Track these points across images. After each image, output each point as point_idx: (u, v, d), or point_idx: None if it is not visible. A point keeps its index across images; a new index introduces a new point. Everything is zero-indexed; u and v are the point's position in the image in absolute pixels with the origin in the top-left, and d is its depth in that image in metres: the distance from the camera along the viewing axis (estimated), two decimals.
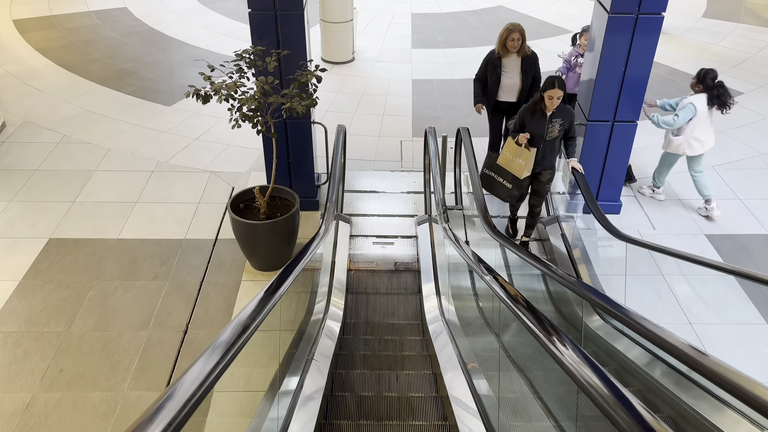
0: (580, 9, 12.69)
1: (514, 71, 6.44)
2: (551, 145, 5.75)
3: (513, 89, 6.51)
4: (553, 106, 5.55)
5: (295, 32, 5.94)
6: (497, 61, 6.42)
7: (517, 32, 6.26)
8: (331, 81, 9.75)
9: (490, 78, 6.47)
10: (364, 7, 12.33)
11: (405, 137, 8.34)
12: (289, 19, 5.89)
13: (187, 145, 8.06)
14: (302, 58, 5.88)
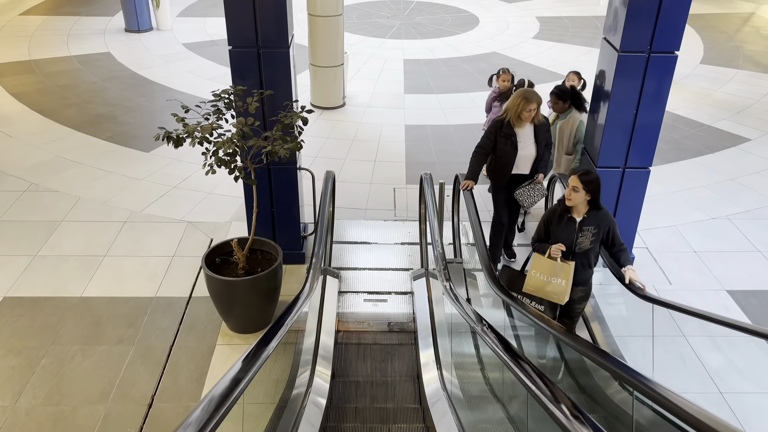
0: (576, 55, 12.44)
1: (528, 140, 5.64)
2: (583, 258, 4.53)
3: (528, 160, 5.70)
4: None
5: (279, 71, 5.47)
6: (511, 130, 5.57)
7: (535, 103, 5.50)
8: (320, 126, 9.30)
9: (501, 150, 5.59)
10: (355, 53, 12.02)
11: (398, 184, 7.83)
12: (274, 57, 5.43)
13: (164, 193, 7.51)
14: (287, 99, 5.39)
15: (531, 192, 5.66)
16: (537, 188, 5.65)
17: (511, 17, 14.77)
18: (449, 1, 16.01)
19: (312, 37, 9.49)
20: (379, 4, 15.57)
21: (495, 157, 5.66)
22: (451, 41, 13.12)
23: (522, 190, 5.67)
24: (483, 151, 5.65)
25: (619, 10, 5.42)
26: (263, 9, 5.24)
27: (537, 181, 5.67)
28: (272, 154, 4.57)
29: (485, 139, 5.65)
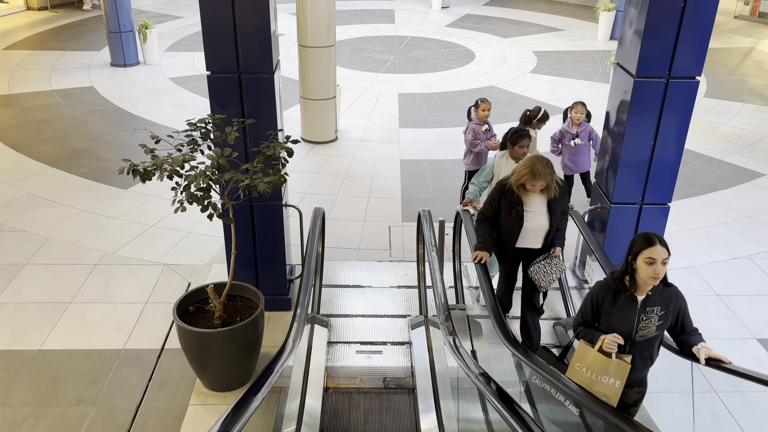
0: (576, 89, 12.08)
1: (539, 210, 4.58)
2: (644, 350, 3.51)
3: (538, 233, 4.63)
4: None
5: (263, 99, 4.97)
6: (515, 197, 4.54)
7: (544, 182, 4.40)
8: (311, 161, 8.80)
9: (504, 218, 4.61)
10: (348, 87, 11.63)
11: (394, 222, 7.29)
12: (257, 84, 4.94)
13: (140, 233, 6.94)
14: (272, 128, 4.88)
15: (548, 268, 4.61)
16: (554, 263, 4.62)
17: (508, 52, 14.48)
18: (444, 36, 15.75)
19: (303, 69, 9.06)
20: (373, 40, 15.28)
21: (499, 226, 4.70)
22: (446, 75, 12.77)
23: (537, 267, 4.63)
24: (487, 219, 4.67)
25: (634, 31, 4.97)
26: (245, 30, 4.77)
27: (554, 255, 4.64)
28: (251, 188, 4.02)
29: (488, 205, 4.68)
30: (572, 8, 19.26)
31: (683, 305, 3.53)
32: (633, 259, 3.40)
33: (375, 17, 17.43)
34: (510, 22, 17.19)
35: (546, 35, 15.97)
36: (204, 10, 4.71)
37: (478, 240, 4.63)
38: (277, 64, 5.18)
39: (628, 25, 5.09)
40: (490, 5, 19.34)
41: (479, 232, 4.66)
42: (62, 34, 14.84)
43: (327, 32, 8.82)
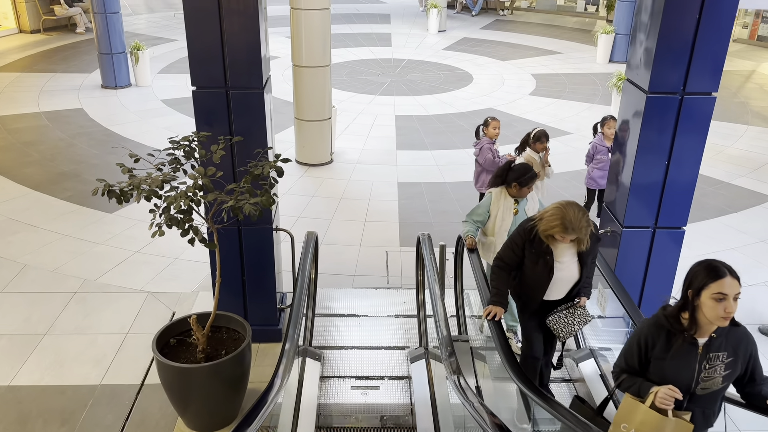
0: (576, 111, 11.84)
1: (569, 260, 3.97)
2: (706, 403, 2.95)
3: (566, 284, 4.03)
4: None
5: (252, 116, 4.67)
6: (544, 247, 3.87)
7: (575, 236, 3.76)
8: (305, 184, 8.48)
9: (531, 269, 3.97)
10: (344, 109, 11.37)
11: (391, 247, 6.95)
12: (246, 99, 4.63)
13: (124, 259, 6.58)
14: (261, 147, 4.56)
15: (570, 319, 4.02)
16: (578, 313, 4.01)
17: (506, 74, 14.29)
18: (442, 59, 15.57)
19: (297, 89, 8.80)
20: (369, 62, 15.10)
21: (522, 276, 4.05)
22: (444, 98, 12.54)
23: (557, 316, 4.02)
24: (507, 267, 4.02)
25: (646, 45, 4.69)
26: (233, 43, 4.48)
27: (579, 305, 4.04)
28: (236, 210, 3.69)
29: (508, 250, 3.99)
30: (570, 32, 19.17)
31: (754, 350, 2.95)
32: (696, 295, 2.80)
33: (371, 40, 17.29)
34: (507, 46, 17.06)
35: (544, 58, 15.81)
36: (189, 21, 4.43)
37: (493, 293, 3.99)
38: (268, 80, 4.88)
39: (639, 38, 4.81)
40: (488, 29, 19.24)
41: (495, 283, 4.00)
42: (54, 57, 14.61)
43: (322, 52, 8.57)
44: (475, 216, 4.99)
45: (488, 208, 4.95)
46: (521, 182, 4.85)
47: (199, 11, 4.39)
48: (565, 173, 8.70)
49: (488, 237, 5.00)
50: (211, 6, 4.36)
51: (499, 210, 4.92)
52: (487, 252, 4.99)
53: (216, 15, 4.40)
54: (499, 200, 4.94)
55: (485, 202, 4.98)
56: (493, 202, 4.94)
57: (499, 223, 4.91)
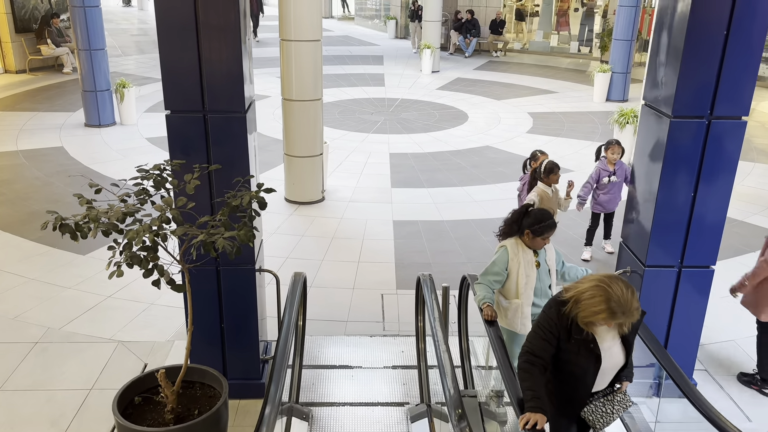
0: (577, 148, 11.47)
1: (613, 345, 3.22)
2: None
3: (612, 371, 3.30)
4: None
5: (232, 142, 4.19)
6: (585, 333, 3.11)
7: (629, 314, 2.98)
8: (294, 223, 7.97)
9: (572, 362, 3.19)
10: (336, 147, 10.94)
11: (387, 290, 6.40)
12: (226, 124, 4.16)
13: (94, 304, 6.01)
14: (243, 176, 4.05)
15: (609, 407, 3.31)
16: (617, 399, 3.32)
17: (502, 113, 13.98)
18: (436, 98, 15.29)
19: (287, 124, 8.36)
20: (362, 102, 14.78)
21: (557, 372, 3.26)
22: (439, 135, 12.16)
23: (593, 407, 3.31)
24: (539, 361, 3.18)
25: (667, 65, 4.27)
26: (212, 62, 4.03)
27: (620, 391, 3.36)
28: (207, 245, 3.16)
29: (540, 341, 3.18)
30: (564, 72, 19.04)
31: None
32: None
33: (365, 81, 17.04)
34: (502, 85, 16.84)
35: (540, 97, 15.56)
36: (162, 37, 3.98)
37: (528, 396, 3.11)
38: (251, 105, 4.42)
39: (659, 58, 4.40)
40: (481, 69, 19.08)
41: (528, 384, 3.14)
42: (38, 96, 14.22)
43: (313, 85, 8.17)
44: (491, 276, 4.13)
45: (506, 266, 4.12)
46: (535, 230, 4.07)
47: (173, 26, 3.95)
48: (570, 210, 8.21)
49: (511, 300, 4.21)
50: (187, 20, 3.92)
51: (519, 266, 4.11)
52: (513, 319, 4.20)
53: (192, 30, 3.96)
54: (516, 255, 4.13)
55: (501, 259, 4.14)
56: (510, 258, 4.12)
57: (523, 281, 4.12)
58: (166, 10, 3.90)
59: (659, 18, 4.41)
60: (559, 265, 4.37)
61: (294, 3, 7.78)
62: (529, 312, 4.20)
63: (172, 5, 3.89)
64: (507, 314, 4.23)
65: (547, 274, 4.26)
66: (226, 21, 3.96)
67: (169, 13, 3.91)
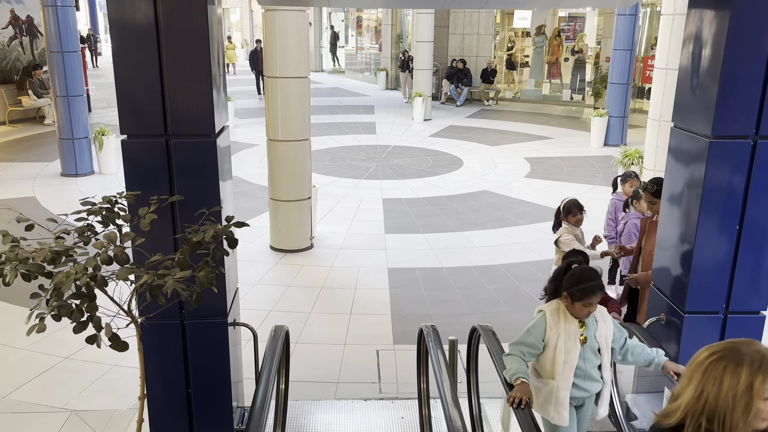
0: (579, 192, 10.92)
1: None
2: None
3: None
4: None
5: (201, 170, 3.56)
6: None
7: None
8: (279, 273, 7.29)
9: None
10: (326, 193, 10.36)
11: (383, 345, 5.69)
12: (193, 151, 3.54)
13: (48, 368, 5.26)
14: (209, 206, 3.41)
15: None
16: None
17: (498, 158, 13.52)
18: (429, 145, 14.85)
19: (272, 166, 7.79)
20: (353, 149, 14.30)
21: None
22: (434, 181, 11.63)
23: None
24: None
25: (703, 79, 3.72)
26: (176, 77, 3.44)
27: None
28: (154, 290, 2.49)
29: None
30: (557, 119, 18.76)
31: None
32: None
33: (355, 129, 16.63)
34: (496, 132, 16.46)
35: (535, 143, 15.16)
36: (117, 49, 3.40)
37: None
38: (224, 129, 3.82)
39: (690, 72, 3.85)
40: (473, 117, 18.77)
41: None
42: (15, 147, 13.67)
43: (301, 124, 7.64)
44: (524, 347, 3.31)
45: (542, 336, 3.29)
46: (573, 294, 3.21)
47: (129, 36, 3.37)
48: None
49: (546, 380, 3.35)
50: (146, 28, 3.35)
51: (559, 338, 3.25)
52: (545, 404, 3.34)
53: (153, 40, 3.38)
54: (557, 323, 3.27)
55: (537, 328, 3.31)
56: (549, 327, 3.28)
57: (561, 359, 3.25)
58: (122, 16, 3.33)
59: (688, 30, 3.89)
60: (618, 342, 3.40)
61: (280, 38, 7.32)
62: (566, 398, 3.27)
63: (129, 9, 3.32)
64: (539, 396, 3.37)
65: (595, 354, 3.32)
66: (193, 29, 3.39)
67: (125, 20, 3.34)
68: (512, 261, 7.70)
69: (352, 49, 30.56)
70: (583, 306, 3.20)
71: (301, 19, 7.36)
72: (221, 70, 3.75)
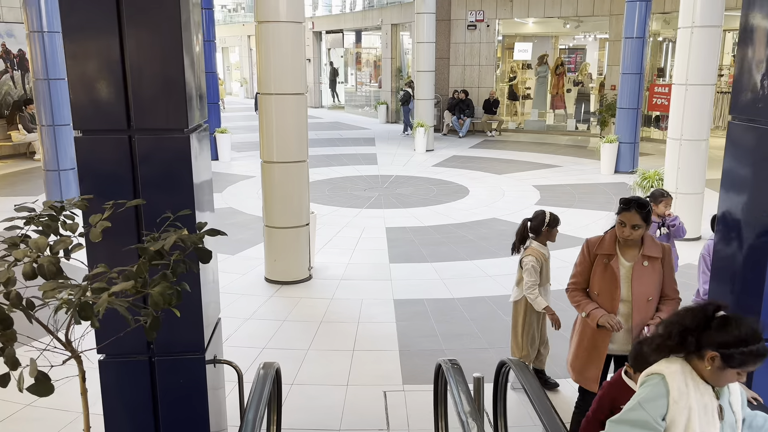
0: (594, 219, 10.33)
1: None
2: None
3: None
4: None
5: (170, 171, 2.95)
6: None
7: None
8: (275, 306, 6.62)
9: None
10: (326, 223, 9.75)
11: (391, 385, 4.99)
12: (161, 148, 2.94)
13: (6, 416, 4.55)
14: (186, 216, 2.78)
15: None
16: None
17: (505, 186, 12.95)
18: (432, 174, 14.30)
19: (267, 190, 7.19)
20: (354, 179, 13.75)
21: None
22: (440, 209, 11.02)
23: None
24: None
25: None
26: (141, 61, 2.86)
27: None
28: (84, 309, 1.85)
29: None
30: (564, 148, 18.26)
31: None
32: None
33: (356, 160, 16.11)
34: (501, 161, 15.93)
35: (543, 171, 14.61)
36: (69, 29, 2.83)
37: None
38: (201, 126, 3.22)
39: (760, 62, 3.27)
40: (477, 148, 18.27)
41: None
42: (0, 182, 13.12)
43: (297, 144, 7.07)
44: (634, 429, 2.28)
45: (664, 412, 2.28)
46: (731, 357, 2.24)
47: (84, 16, 2.80)
48: None
49: None
50: (104, 5, 2.78)
51: (691, 415, 2.28)
52: None
53: (113, 19, 2.81)
54: (685, 393, 2.29)
55: (655, 400, 2.29)
56: (674, 400, 2.28)
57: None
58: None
59: None
60: (745, 409, 2.53)
61: (275, 52, 6.80)
62: None
63: None
64: None
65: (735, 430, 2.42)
66: (160, 4, 2.83)
67: None
68: None
69: (351, 88, 30.36)
70: (738, 374, 2.28)
71: (297, 32, 6.85)
72: (198, 59, 3.17)
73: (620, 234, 3.63)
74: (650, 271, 3.64)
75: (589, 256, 3.78)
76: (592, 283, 3.74)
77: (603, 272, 3.67)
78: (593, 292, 3.74)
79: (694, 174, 8.81)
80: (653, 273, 3.65)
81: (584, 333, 3.72)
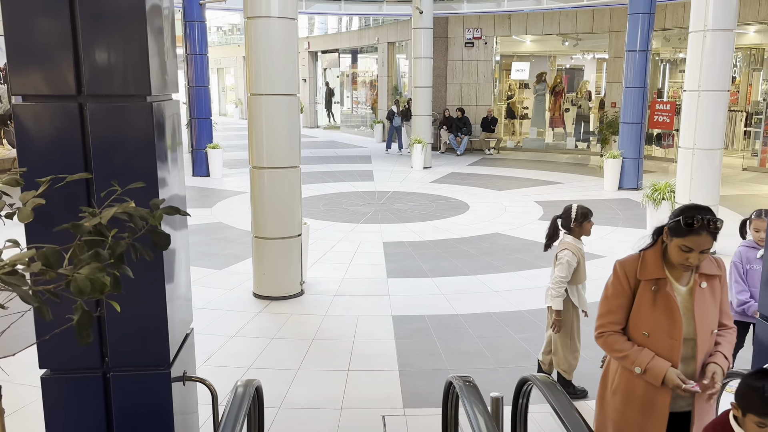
0: (601, 234, 9.82)
1: None
2: None
3: None
4: None
5: (128, 144, 2.46)
6: None
7: None
8: (263, 323, 6.08)
9: None
10: (320, 237, 9.24)
11: (390, 409, 4.45)
12: (118, 117, 2.45)
13: None
14: (148, 194, 2.27)
15: None
16: None
17: (506, 202, 12.48)
18: (431, 190, 13.84)
19: (256, 198, 6.70)
20: (350, 195, 13.27)
21: None
22: (439, 224, 10.53)
23: None
24: None
25: None
26: (92, 15, 2.38)
27: None
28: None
29: None
30: (564, 165, 17.87)
31: None
32: None
33: (352, 176, 15.66)
34: (501, 178, 15.50)
35: (545, 187, 14.17)
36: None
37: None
38: (167, 98, 2.73)
39: None
40: (475, 165, 17.86)
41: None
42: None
43: (289, 149, 6.59)
44: None
45: None
46: None
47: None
48: None
49: None
50: None
51: None
52: None
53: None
54: None
55: None
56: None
57: None
58: None
59: None
60: None
61: (265, 50, 6.36)
62: None
63: None
64: None
65: None
66: None
67: None
68: (539, 306, 6.48)
69: (348, 110, 30.06)
70: None
71: (289, 29, 6.42)
72: (165, 30, 2.69)
73: (680, 261, 2.64)
74: (709, 295, 2.75)
75: (628, 283, 2.77)
76: (635, 320, 2.77)
77: (652, 304, 2.71)
78: (640, 332, 2.74)
79: (708, 185, 8.36)
80: (712, 297, 2.76)
81: (632, 388, 2.74)
